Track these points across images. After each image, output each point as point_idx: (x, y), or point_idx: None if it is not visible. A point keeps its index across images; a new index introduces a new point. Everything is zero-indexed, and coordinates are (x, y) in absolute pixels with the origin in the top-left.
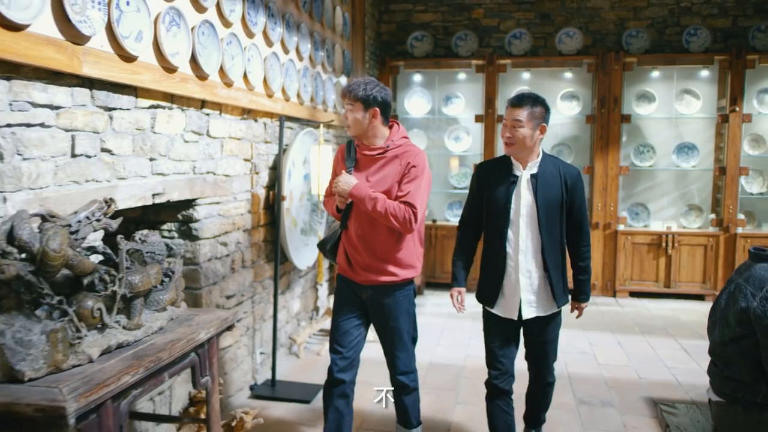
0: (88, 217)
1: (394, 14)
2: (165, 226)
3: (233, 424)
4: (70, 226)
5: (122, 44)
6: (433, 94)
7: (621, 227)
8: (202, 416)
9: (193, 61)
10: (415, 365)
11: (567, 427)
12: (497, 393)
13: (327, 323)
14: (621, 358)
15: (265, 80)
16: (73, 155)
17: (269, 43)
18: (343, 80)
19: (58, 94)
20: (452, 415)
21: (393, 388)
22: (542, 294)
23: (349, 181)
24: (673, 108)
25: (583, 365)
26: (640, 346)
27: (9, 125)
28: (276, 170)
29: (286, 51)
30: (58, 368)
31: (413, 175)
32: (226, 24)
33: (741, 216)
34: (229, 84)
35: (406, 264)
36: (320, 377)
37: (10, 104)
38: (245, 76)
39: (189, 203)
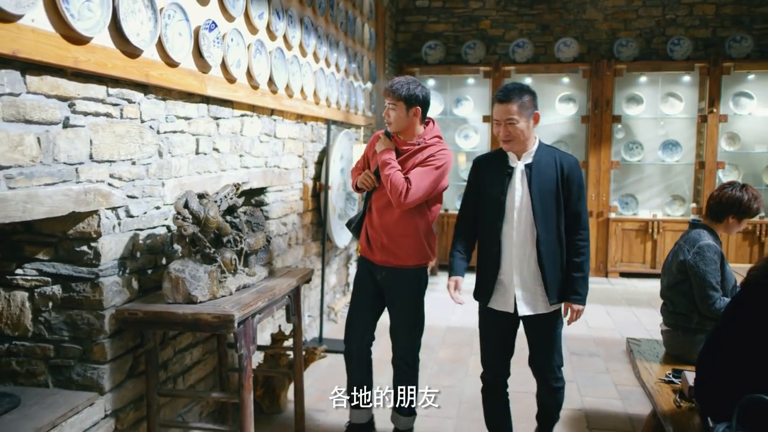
0: (225, 196)
1: (410, 25)
2: (241, 209)
3: (307, 356)
4: (216, 201)
5: (229, 70)
6: (445, 96)
7: (612, 215)
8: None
9: (270, 79)
10: (417, 354)
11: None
12: (489, 388)
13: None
14: (608, 324)
15: (315, 91)
16: (197, 153)
17: (317, 60)
18: (369, 86)
19: (190, 109)
20: (469, 362)
21: (393, 375)
22: (537, 290)
23: (384, 144)
24: (658, 109)
25: (576, 328)
26: (625, 315)
27: (165, 132)
28: (320, 164)
29: (329, 65)
30: (214, 296)
31: (427, 163)
32: (289, 47)
33: None
34: (290, 95)
35: (419, 251)
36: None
37: (165, 118)
38: (302, 88)
39: (262, 190)
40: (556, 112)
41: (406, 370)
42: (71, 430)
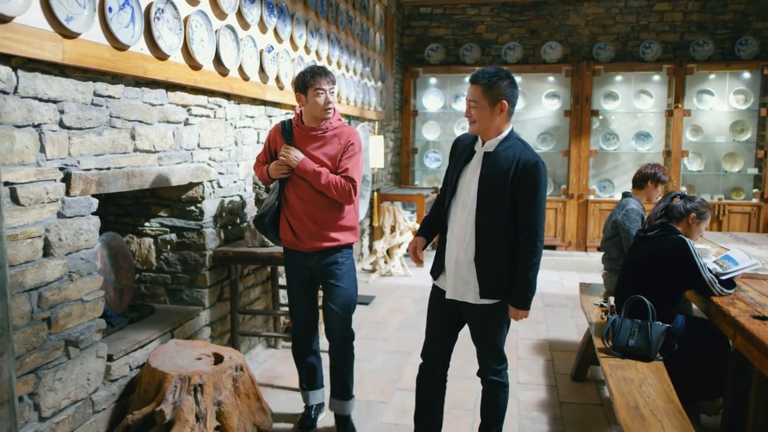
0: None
1: (414, 29)
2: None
3: None
4: None
5: (281, 80)
6: (445, 93)
7: (591, 197)
8: None
9: None
10: (352, 332)
11: (535, 315)
12: (424, 372)
13: (367, 263)
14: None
15: (338, 92)
16: (258, 142)
17: (339, 67)
18: (379, 85)
19: (254, 110)
20: None
21: (330, 355)
22: (470, 280)
23: (298, 155)
24: (632, 104)
25: (552, 288)
26: (596, 279)
27: (239, 127)
28: None
29: (348, 70)
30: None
31: (351, 152)
32: (319, 58)
33: (683, 188)
34: None
35: (347, 229)
36: (368, 293)
37: (239, 117)
38: None
39: None
40: (543, 107)
41: (341, 345)
42: (189, 329)
